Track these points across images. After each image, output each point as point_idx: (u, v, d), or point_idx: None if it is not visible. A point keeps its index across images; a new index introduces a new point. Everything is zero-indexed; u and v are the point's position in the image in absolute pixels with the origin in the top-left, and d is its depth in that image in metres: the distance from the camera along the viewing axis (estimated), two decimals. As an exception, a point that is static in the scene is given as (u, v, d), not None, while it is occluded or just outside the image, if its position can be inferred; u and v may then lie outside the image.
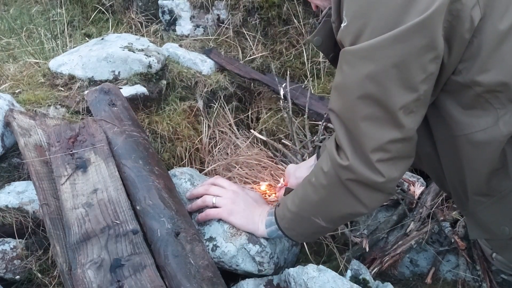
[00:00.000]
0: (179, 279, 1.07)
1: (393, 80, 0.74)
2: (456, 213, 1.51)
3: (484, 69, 0.77)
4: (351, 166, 0.83)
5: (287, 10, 2.26)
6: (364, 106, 0.78)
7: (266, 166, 1.80)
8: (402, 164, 0.86)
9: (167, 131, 1.72)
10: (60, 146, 1.34)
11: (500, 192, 0.90)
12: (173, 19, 2.44)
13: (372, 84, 0.76)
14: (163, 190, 1.27)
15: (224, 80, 2.06)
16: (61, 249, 1.14)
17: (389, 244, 1.45)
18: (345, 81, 0.80)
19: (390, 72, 0.74)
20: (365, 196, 0.87)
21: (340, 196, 0.89)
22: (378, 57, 0.73)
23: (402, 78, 0.74)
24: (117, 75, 1.73)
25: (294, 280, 1.18)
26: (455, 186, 0.97)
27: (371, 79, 0.75)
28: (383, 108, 0.77)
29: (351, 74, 0.78)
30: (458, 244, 1.39)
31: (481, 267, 1.36)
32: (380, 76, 0.75)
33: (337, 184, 0.87)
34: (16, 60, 2.05)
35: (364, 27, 0.74)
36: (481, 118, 0.81)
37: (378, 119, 0.78)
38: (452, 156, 0.88)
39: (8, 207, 1.28)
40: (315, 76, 2.23)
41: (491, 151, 0.82)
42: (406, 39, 0.70)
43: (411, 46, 0.71)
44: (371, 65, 0.74)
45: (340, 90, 0.83)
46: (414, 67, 0.73)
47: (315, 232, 1.11)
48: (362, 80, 0.76)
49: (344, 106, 0.82)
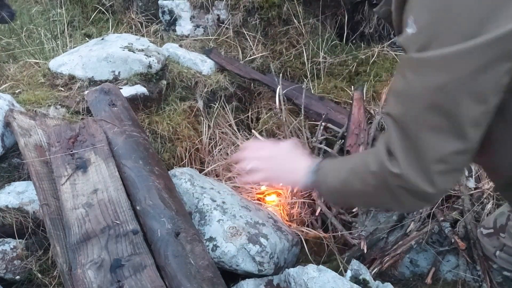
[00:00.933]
0: (179, 279, 1.07)
1: (466, 92, 0.72)
2: (456, 213, 1.51)
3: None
4: (403, 175, 0.81)
5: (287, 10, 2.26)
6: (431, 117, 0.76)
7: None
8: (456, 177, 0.85)
9: (167, 131, 1.72)
10: (60, 146, 1.34)
11: None
12: (173, 19, 2.44)
13: (443, 95, 0.73)
14: (163, 190, 1.27)
15: (224, 80, 2.06)
16: (61, 249, 1.14)
17: (389, 244, 1.45)
18: (409, 88, 0.77)
19: (464, 84, 0.71)
20: (409, 202, 0.85)
21: (383, 196, 0.89)
22: (452, 68, 0.71)
23: (475, 91, 0.72)
24: (117, 75, 1.73)
25: (294, 280, 1.18)
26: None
27: (441, 90, 0.73)
28: (451, 119, 0.75)
29: (419, 82, 0.75)
30: (458, 244, 1.38)
31: (481, 267, 1.36)
32: (452, 87, 0.72)
33: (384, 186, 0.86)
34: (16, 60, 2.05)
35: (436, 35, 0.71)
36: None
37: (443, 131, 0.76)
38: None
39: (8, 207, 1.28)
40: (315, 76, 2.23)
41: None
42: (483, 51, 0.68)
43: (488, 58, 0.69)
44: (443, 75, 0.72)
45: (403, 97, 0.80)
46: (489, 79, 0.71)
47: (346, 204, 1.25)
48: (432, 90, 0.74)
49: (407, 114, 0.79)
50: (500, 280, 1.39)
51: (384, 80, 2.20)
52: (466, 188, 1.56)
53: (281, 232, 1.37)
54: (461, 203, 1.52)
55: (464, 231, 1.44)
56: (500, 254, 1.31)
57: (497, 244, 1.31)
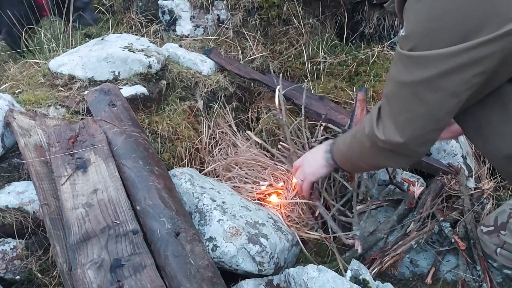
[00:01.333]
0: (179, 279, 1.07)
1: (441, 87, 0.88)
2: (456, 213, 1.50)
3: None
4: (386, 140, 0.99)
5: (287, 10, 2.26)
6: (413, 103, 0.92)
7: (266, 166, 1.80)
8: (432, 142, 1.03)
9: (167, 131, 1.72)
10: (60, 146, 1.34)
11: None
12: (173, 19, 2.44)
13: (424, 87, 0.89)
14: (163, 190, 1.27)
15: (224, 80, 2.06)
16: (61, 249, 1.14)
17: (389, 244, 1.45)
18: (399, 77, 0.93)
19: (439, 80, 0.86)
20: (395, 160, 1.06)
21: (377, 155, 1.07)
22: (432, 67, 0.86)
23: (449, 87, 0.87)
24: (117, 75, 1.73)
25: (294, 280, 1.18)
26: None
27: (422, 83, 0.88)
28: (429, 107, 0.91)
29: (407, 74, 0.90)
30: (459, 244, 1.39)
31: (481, 267, 1.36)
32: (431, 82, 0.87)
33: (375, 146, 1.04)
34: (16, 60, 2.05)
35: (421, 41, 0.86)
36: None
37: (422, 115, 0.93)
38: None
39: (8, 207, 1.28)
40: (315, 76, 2.23)
41: None
42: (456, 57, 0.83)
43: (459, 62, 0.83)
44: (425, 71, 0.87)
45: (394, 82, 0.96)
46: (461, 79, 0.86)
47: (360, 169, 1.42)
48: (416, 82, 0.89)
49: (396, 95, 0.96)
50: (500, 280, 1.39)
51: (384, 80, 2.20)
52: (466, 188, 1.55)
53: (281, 232, 1.37)
54: (461, 203, 1.52)
55: (464, 231, 1.44)
56: (501, 252, 1.31)
57: (497, 241, 1.32)
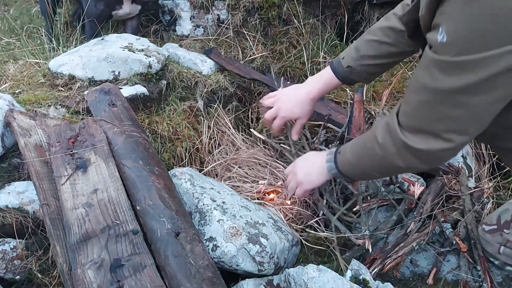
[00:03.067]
0: (179, 279, 1.07)
1: (489, 93, 0.85)
2: (457, 213, 1.50)
3: None
4: (413, 147, 0.98)
5: (287, 10, 2.26)
6: (456, 110, 0.90)
7: (265, 165, 1.81)
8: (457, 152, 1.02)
9: (167, 131, 1.72)
10: (60, 146, 1.34)
11: None
12: (173, 19, 2.44)
13: (469, 94, 0.86)
14: (163, 190, 1.27)
15: (224, 80, 2.06)
16: (61, 249, 1.14)
17: (389, 245, 1.45)
18: (437, 84, 0.89)
19: (488, 85, 0.84)
20: (413, 162, 1.03)
21: (391, 160, 1.05)
22: (480, 70, 0.82)
23: (498, 91, 0.85)
24: (117, 75, 1.73)
25: (294, 280, 1.18)
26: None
27: (468, 89, 0.85)
28: (473, 112, 0.89)
29: (447, 81, 0.87)
30: (460, 246, 1.39)
31: (481, 267, 1.36)
32: (478, 88, 0.85)
33: (392, 151, 1.03)
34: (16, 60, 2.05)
35: (468, 46, 0.82)
36: None
37: (466, 121, 0.91)
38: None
39: (8, 207, 1.28)
40: (315, 76, 2.22)
41: None
42: (506, 58, 0.79)
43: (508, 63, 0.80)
44: (471, 76, 0.83)
45: (428, 91, 0.92)
46: (509, 81, 0.83)
47: (371, 178, 1.47)
48: (460, 89, 0.86)
49: (431, 104, 0.93)
50: (500, 280, 1.39)
51: (384, 80, 2.20)
52: (467, 188, 1.56)
53: (281, 232, 1.37)
54: (462, 203, 1.52)
55: (465, 231, 1.44)
56: (504, 250, 1.32)
57: (500, 240, 1.32)
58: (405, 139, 0.99)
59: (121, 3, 2.20)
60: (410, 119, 0.99)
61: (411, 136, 0.98)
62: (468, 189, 1.56)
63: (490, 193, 1.62)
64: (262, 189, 1.65)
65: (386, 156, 1.04)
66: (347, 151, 1.21)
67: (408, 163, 1.03)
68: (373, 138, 1.08)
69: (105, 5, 2.16)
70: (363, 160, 1.15)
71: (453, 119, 0.91)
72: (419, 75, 0.95)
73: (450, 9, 0.84)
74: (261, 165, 1.82)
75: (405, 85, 2.04)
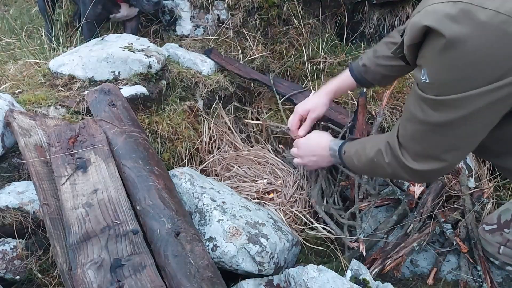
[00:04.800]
0: (179, 279, 1.07)
1: (478, 122, 0.95)
2: (457, 213, 1.50)
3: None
4: (413, 168, 1.08)
5: (287, 10, 2.26)
6: (448, 138, 1.00)
7: (264, 164, 1.81)
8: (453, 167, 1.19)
9: (167, 131, 1.72)
10: (60, 146, 1.34)
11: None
12: (173, 19, 2.43)
13: (458, 125, 0.95)
14: (163, 190, 1.27)
15: (224, 80, 2.05)
16: (61, 249, 1.14)
17: (389, 245, 1.45)
18: (427, 119, 0.99)
19: (475, 117, 0.93)
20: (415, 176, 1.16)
21: (395, 174, 1.18)
22: (462, 107, 0.91)
23: (485, 120, 0.95)
24: (117, 75, 1.73)
25: (294, 280, 1.18)
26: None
27: (457, 122, 0.94)
28: (465, 139, 1.00)
29: (436, 116, 0.96)
30: (461, 247, 1.39)
31: (482, 267, 1.36)
32: (466, 120, 0.94)
33: (396, 171, 1.14)
34: (16, 60, 2.05)
35: (448, 87, 0.92)
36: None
37: (460, 146, 1.02)
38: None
39: (8, 207, 1.28)
40: (315, 76, 2.23)
41: None
42: (485, 96, 0.88)
43: (489, 100, 0.89)
44: (454, 112, 0.93)
45: (421, 124, 1.01)
46: (491, 113, 0.93)
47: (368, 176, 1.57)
48: (449, 122, 0.95)
49: (426, 134, 1.02)
50: (500, 280, 1.39)
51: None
52: (467, 188, 1.55)
53: (281, 232, 1.37)
54: (462, 203, 1.52)
55: (465, 231, 1.44)
56: (504, 250, 1.32)
57: (500, 239, 1.32)
58: (406, 162, 1.09)
59: (119, 7, 2.20)
60: (408, 143, 1.09)
61: (410, 158, 1.09)
62: (468, 189, 1.56)
63: (490, 193, 1.62)
64: (261, 188, 1.65)
65: (395, 172, 1.16)
66: (353, 155, 1.31)
67: (412, 178, 1.17)
68: (379, 155, 1.18)
69: (102, 8, 2.16)
70: (370, 170, 1.31)
71: (445, 145, 1.01)
72: (410, 105, 1.04)
73: (428, 54, 0.92)
74: (261, 164, 1.82)
75: (405, 85, 2.04)
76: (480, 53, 0.84)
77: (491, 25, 0.82)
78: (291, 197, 1.62)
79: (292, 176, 1.71)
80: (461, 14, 0.82)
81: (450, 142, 1.01)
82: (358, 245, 1.41)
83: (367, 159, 1.24)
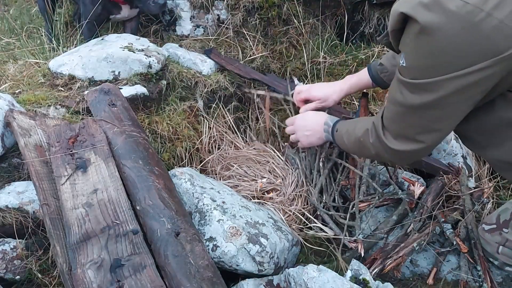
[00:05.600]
0: (179, 279, 1.07)
1: (451, 105, 1.00)
2: (457, 213, 1.50)
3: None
4: (393, 149, 1.15)
5: (287, 10, 2.26)
6: (424, 120, 1.05)
7: (264, 163, 1.81)
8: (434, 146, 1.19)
9: (167, 131, 1.72)
10: (60, 146, 1.34)
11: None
12: (173, 19, 2.44)
13: (433, 107, 1.01)
14: (163, 190, 1.27)
15: (224, 80, 2.05)
16: (61, 249, 1.14)
17: (390, 245, 1.45)
18: (406, 101, 1.04)
19: (448, 100, 0.98)
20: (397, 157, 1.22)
21: (379, 156, 1.23)
22: (435, 91, 0.97)
23: (458, 103, 1.00)
24: (117, 75, 1.73)
25: (294, 280, 1.18)
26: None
27: (432, 104, 1.00)
28: (440, 121, 1.05)
29: (413, 98, 1.02)
30: (461, 246, 1.38)
31: (482, 267, 1.36)
32: (440, 102, 0.99)
33: (379, 151, 1.20)
34: (16, 60, 2.05)
35: (422, 71, 0.97)
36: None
37: (436, 129, 1.07)
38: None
39: (8, 207, 1.28)
40: (315, 76, 2.23)
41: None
42: (456, 81, 0.93)
43: (459, 85, 0.94)
44: (429, 95, 0.99)
45: (401, 106, 1.07)
46: (462, 98, 0.98)
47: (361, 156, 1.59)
48: (425, 104, 1.00)
49: (405, 115, 1.08)
50: (500, 280, 1.39)
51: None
52: (467, 188, 1.55)
53: (281, 232, 1.37)
54: (462, 203, 1.51)
55: (465, 231, 1.44)
56: (503, 250, 1.32)
57: (499, 239, 1.32)
58: (387, 142, 1.16)
59: (120, 8, 2.21)
60: (390, 124, 1.15)
61: (391, 138, 1.15)
62: (468, 189, 1.56)
63: (490, 193, 1.62)
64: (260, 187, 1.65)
65: (378, 152, 1.22)
66: (344, 134, 1.37)
67: (393, 158, 1.22)
68: (366, 135, 1.24)
69: (103, 8, 2.17)
70: (357, 150, 1.36)
71: (421, 126, 1.08)
72: (392, 88, 1.10)
73: (406, 39, 0.98)
74: (261, 163, 1.82)
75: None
76: (449, 40, 0.89)
77: (459, 14, 0.87)
78: (290, 195, 1.62)
79: (291, 174, 1.71)
80: (433, 2, 0.88)
81: (425, 123, 1.06)
82: (357, 245, 1.41)
83: (355, 139, 1.29)
